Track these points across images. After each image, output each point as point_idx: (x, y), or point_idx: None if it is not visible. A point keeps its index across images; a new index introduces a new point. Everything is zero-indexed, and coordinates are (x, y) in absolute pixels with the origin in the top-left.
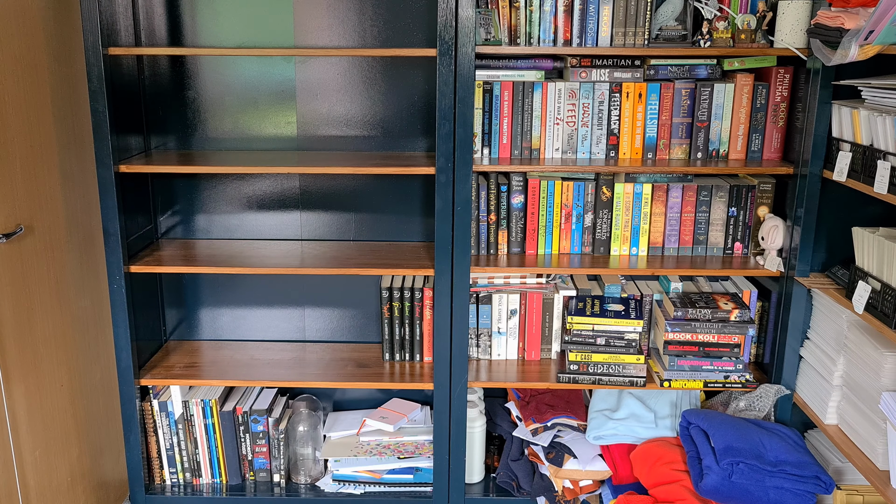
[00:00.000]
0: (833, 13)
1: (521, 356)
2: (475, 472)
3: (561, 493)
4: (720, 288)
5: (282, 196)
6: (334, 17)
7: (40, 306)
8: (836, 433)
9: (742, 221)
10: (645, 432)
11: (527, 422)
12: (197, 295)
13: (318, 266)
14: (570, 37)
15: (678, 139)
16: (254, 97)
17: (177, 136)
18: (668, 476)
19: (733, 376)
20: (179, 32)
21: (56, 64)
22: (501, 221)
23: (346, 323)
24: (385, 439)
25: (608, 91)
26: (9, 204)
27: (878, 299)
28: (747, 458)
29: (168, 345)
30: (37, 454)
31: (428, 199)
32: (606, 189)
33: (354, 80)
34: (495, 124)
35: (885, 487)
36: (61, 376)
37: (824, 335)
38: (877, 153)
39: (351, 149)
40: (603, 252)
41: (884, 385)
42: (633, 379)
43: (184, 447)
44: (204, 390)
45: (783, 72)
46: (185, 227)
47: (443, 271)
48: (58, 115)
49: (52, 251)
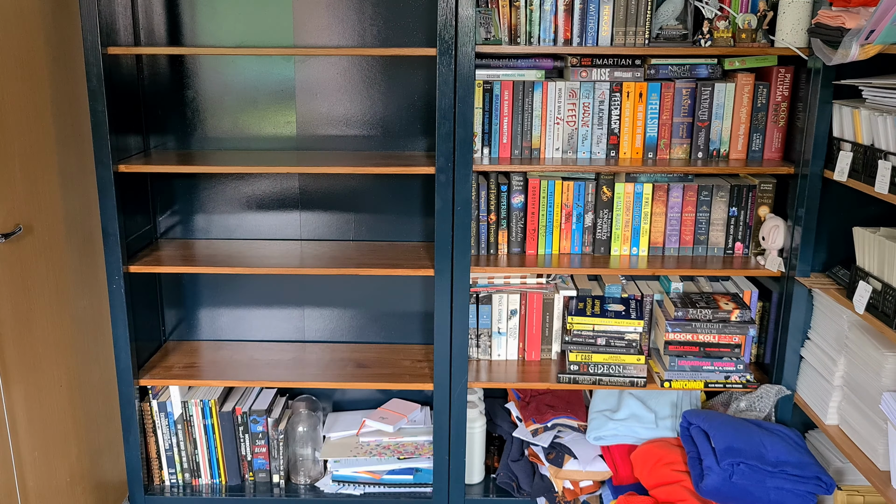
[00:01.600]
0: (834, 13)
1: (522, 356)
2: (475, 472)
3: (561, 493)
4: (721, 288)
5: (281, 196)
6: (334, 16)
7: (39, 306)
8: (837, 433)
9: (743, 221)
10: (645, 433)
11: (527, 422)
12: (196, 295)
13: (317, 266)
14: (571, 36)
15: (679, 139)
16: (253, 97)
17: (176, 135)
18: (669, 477)
19: (734, 377)
20: (179, 32)
21: (55, 63)
22: (501, 221)
23: (346, 323)
24: (385, 440)
25: (608, 91)
26: (8, 204)
27: (879, 299)
28: (748, 458)
29: (167, 345)
30: (36, 454)
31: (428, 199)
32: (607, 189)
33: (354, 80)
34: (495, 124)
35: (885, 488)
36: (60, 376)
37: (825, 335)
38: (878, 153)
39: (350, 148)
40: (603, 252)
41: (884, 385)
42: (634, 379)
43: (183, 448)
44: (203, 391)
45: (784, 71)
46: (184, 227)
47: (443, 271)
48: (57, 115)
49: (51, 251)
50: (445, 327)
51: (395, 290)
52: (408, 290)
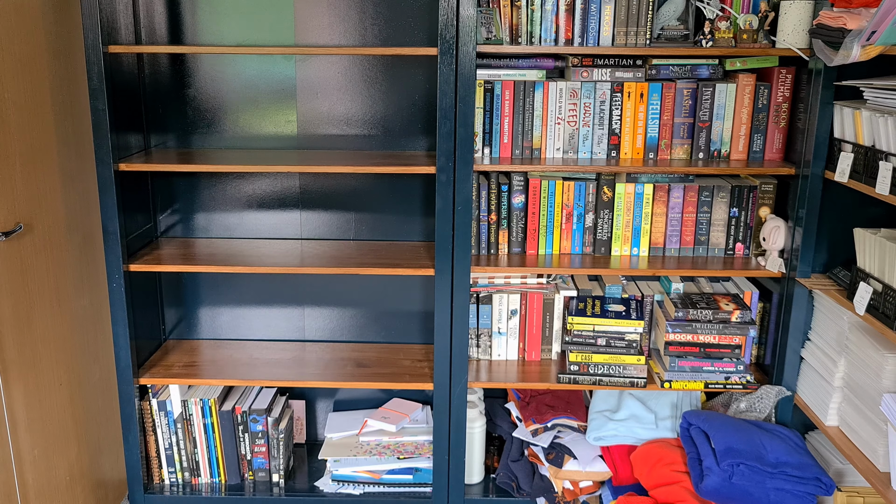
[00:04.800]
0: (835, 13)
1: (522, 356)
2: (475, 472)
3: (561, 493)
4: (721, 289)
5: (282, 195)
6: (335, 15)
7: (39, 305)
8: (837, 435)
9: (743, 222)
10: (645, 433)
11: (527, 422)
12: (196, 294)
13: (317, 265)
14: (572, 36)
15: (679, 139)
16: (254, 96)
17: (177, 134)
18: (669, 477)
19: (734, 377)
20: (180, 30)
21: (56, 62)
22: (502, 221)
23: (346, 323)
24: (385, 439)
25: (609, 91)
26: (8, 202)
27: (880, 301)
28: (748, 459)
29: (167, 344)
30: (35, 453)
31: (428, 199)
32: (607, 189)
33: (355, 79)
34: (496, 124)
35: (885, 489)
36: (60, 375)
37: (825, 336)
38: (878, 154)
39: (351, 148)
40: (604, 252)
41: (885, 387)
42: (634, 380)
43: (182, 446)
44: (203, 390)
45: (785, 72)
46: (184, 226)
47: (443, 271)
48: (57, 113)
49: (51, 250)
50: (446, 327)
51: (395, 289)
52: (408, 289)
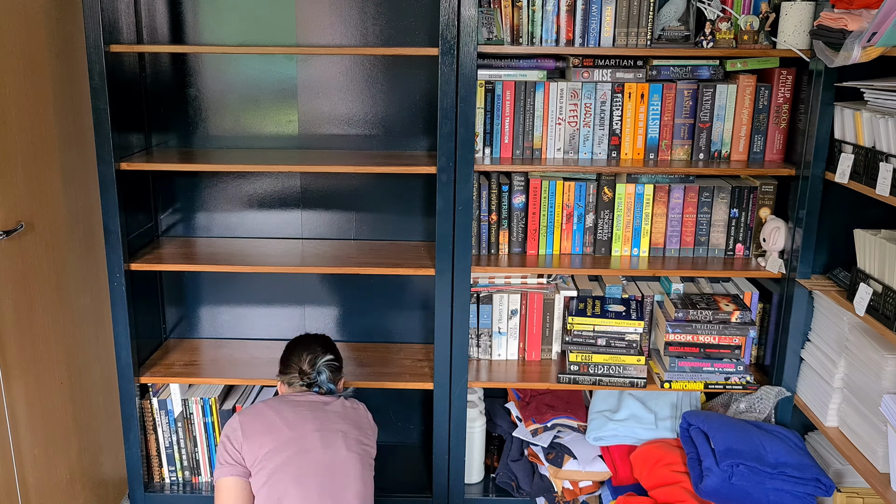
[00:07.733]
0: (836, 15)
1: (522, 356)
2: (475, 472)
3: (560, 493)
4: (721, 289)
5: (283, 195)
6: (336, 15)
7: (40, 303)
8: (837, 435)
9: (743, 223)
10: (645, 433)
11: (527, 422)
12: (197, 293)
13: (318, 265)
14: (573, 37)
15: (680, 140)
16: (255, 95)
17: (178, 133)
18: (668, 477)
19: (734, 378)
20: (181, 30)
21: (57, 61)
22: (503, 221)
23: (347, 322)
24: None
25: (610, 91)
26: (9, 201)
27: (880, 302)
28: (747, 459)
29: (168, 343)
30: (36, 452)
31: (429, 199)
32: (608, 189)
33: (356, 79)
34: (497, 124)
35: (885, 490)
36: (61, 374)
37: (825, 337)
38: (879, 155)
39: (352, 148)
40: (604, 253)
41: (884, 387)
42: (634, 380)
43: (183, 445)
44: (203, 388)
45: (786, 73)
46: (185, 225)
47: (444, 271)
48: (59, 113)
49: (52, 248)
50: (446, 327)
51: (396, 289)
52: (409, 289)
